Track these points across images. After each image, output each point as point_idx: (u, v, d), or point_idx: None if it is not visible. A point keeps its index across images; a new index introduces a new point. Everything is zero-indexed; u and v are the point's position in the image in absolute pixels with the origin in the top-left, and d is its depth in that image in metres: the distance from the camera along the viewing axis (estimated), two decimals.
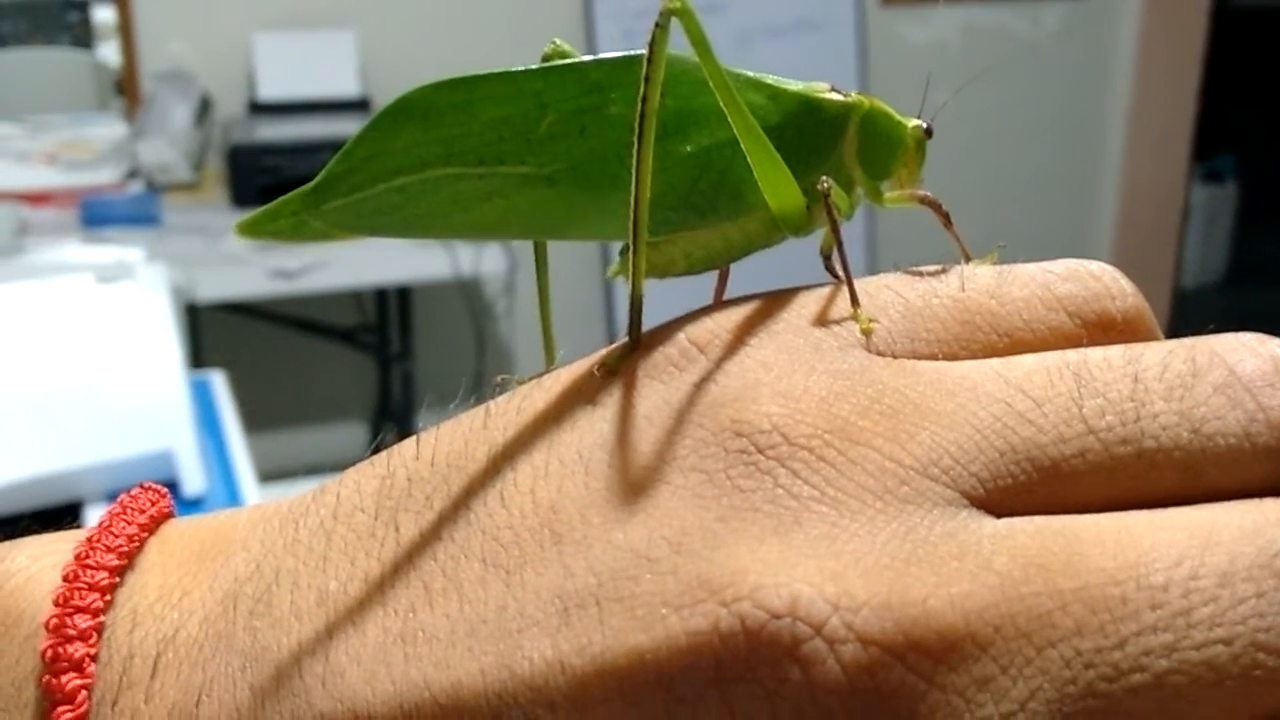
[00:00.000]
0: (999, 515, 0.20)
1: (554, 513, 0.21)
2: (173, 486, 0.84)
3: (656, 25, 0.24)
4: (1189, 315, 3.36)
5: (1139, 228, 2.98)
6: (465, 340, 2.47)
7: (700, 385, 0.22)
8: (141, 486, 0.26)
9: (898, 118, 0.29)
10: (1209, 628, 0.18)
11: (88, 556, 0.23)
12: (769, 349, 0.23)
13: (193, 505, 0.83)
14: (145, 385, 0.88)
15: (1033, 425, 0.21)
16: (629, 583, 0.20)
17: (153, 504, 0.26)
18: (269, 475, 1.03)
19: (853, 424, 0.21)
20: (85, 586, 0.23)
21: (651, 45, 0.24)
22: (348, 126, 2.16)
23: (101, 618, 0.22)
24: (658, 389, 0.23)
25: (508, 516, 0.22)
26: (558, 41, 0.28)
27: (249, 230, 0.25)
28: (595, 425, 0.23)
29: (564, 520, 0.21)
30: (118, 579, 0.23)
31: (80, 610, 0.22)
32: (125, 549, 0.24)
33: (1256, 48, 3.90)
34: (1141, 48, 2.88)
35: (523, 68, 0.25)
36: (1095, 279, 0.24)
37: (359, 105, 2.27)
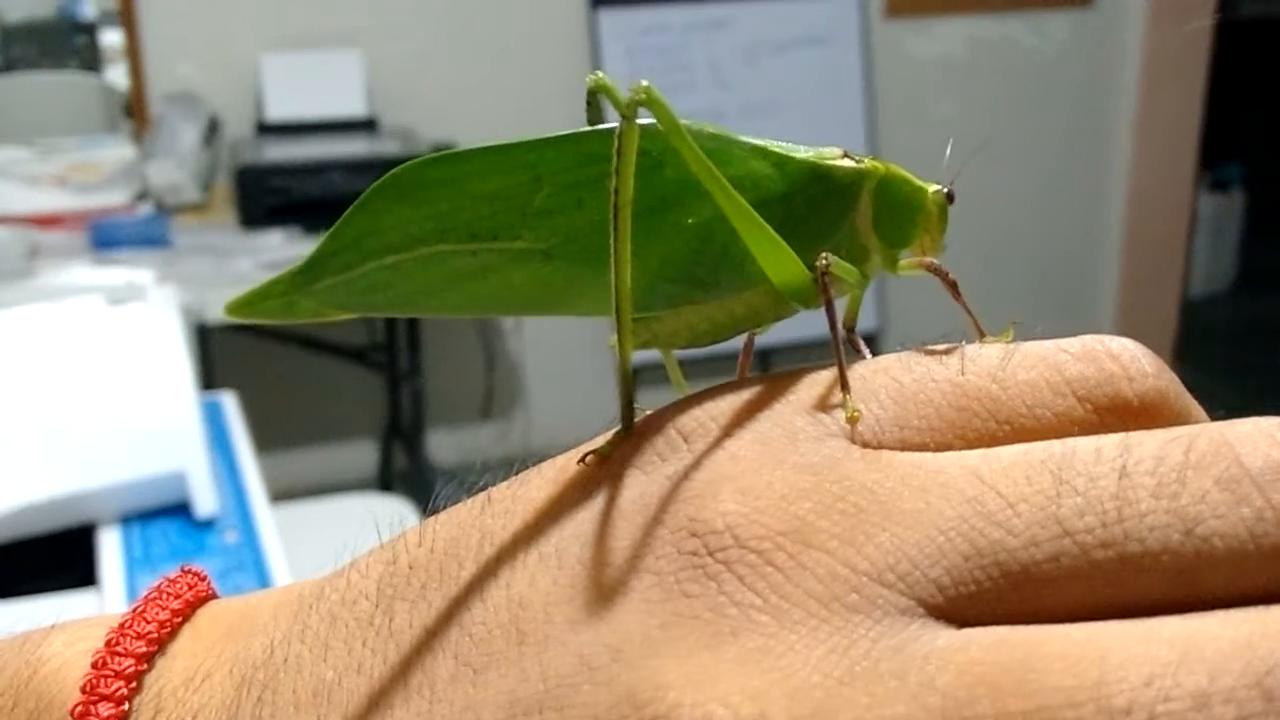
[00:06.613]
0: (960, 624, 0.18)
1: (522, 609, 0.21)
2: (185, 507, 0.84)
3: (623, 117, 0.22)
4: (1197, 324, 3.35)
5: (1146, 237, 2.97)
6: (474, 358, 2.47)
7: (674, 479, 0.21)
8: (182, 570, 0.26)
9: (917, 183, 0.28)
10: None
11: (118, 643, 0.23)
12: (744, 440, 0.22)
13: (205, 526, 0.83)
14: (157, 407, 0.89)
15: (1001, 527, 0.19)
16: (570, 691, 0.19)
17: (190, 588, 0.25)
18: (280, 495, 1.03)
19: (810, 524, 0.20)
20: (112, 674, 0.23)
21: (620, 137, 0.22)
22: (355, 146, 2.16)
23: (125, 705, 0.23)
24: (640, 480, 0.22)
25: (483, 612, 0.21)
26: (600, 75, 0.25)
27: (239, 310, 0.25)
28: (576, 517, 0.22)
29: (530, 618, 0.20)
30: (145, 665, 0.23)
31: (105, 699, 0.23)
32: (155, 635, 0.24)
33: (1263, 56, 3.90)
34: (1148, 57, 2.87)
35: (516, 140, 0.25)
36: (1113, 359, 0.22)
37: (366, 125, 2.28)
